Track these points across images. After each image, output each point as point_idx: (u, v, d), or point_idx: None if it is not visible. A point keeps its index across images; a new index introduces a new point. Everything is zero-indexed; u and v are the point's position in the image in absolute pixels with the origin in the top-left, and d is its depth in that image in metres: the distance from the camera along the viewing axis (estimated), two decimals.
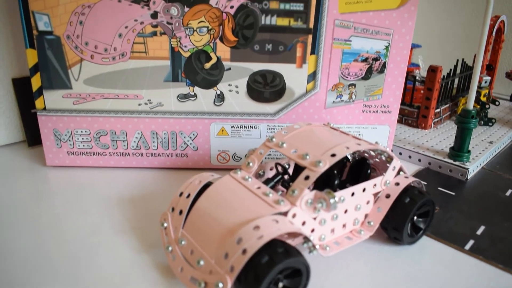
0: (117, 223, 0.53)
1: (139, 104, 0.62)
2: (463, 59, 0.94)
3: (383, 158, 0.52)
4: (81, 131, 0.64)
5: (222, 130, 0.64)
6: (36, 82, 0.61)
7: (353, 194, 0.46)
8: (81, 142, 0.64)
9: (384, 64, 0.62)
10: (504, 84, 1.25)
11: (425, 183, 0.66)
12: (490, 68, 1.06)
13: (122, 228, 0.52)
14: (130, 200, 0.58)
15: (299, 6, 0.58)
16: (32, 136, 0.75)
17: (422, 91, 0.89)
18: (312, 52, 0.60)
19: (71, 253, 0.47)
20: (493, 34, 0.98)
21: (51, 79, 0.61)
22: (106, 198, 0.58)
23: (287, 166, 0.53)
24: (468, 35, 1.32)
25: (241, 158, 0.66)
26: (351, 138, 0.49)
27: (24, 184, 0.62)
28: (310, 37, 0.59)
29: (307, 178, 0.42)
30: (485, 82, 0.89)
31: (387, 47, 0.61)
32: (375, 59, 0.62)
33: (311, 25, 0.59)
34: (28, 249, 0.48)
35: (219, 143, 0.65)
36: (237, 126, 0.64)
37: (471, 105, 0.68)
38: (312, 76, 0.62)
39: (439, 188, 0.65)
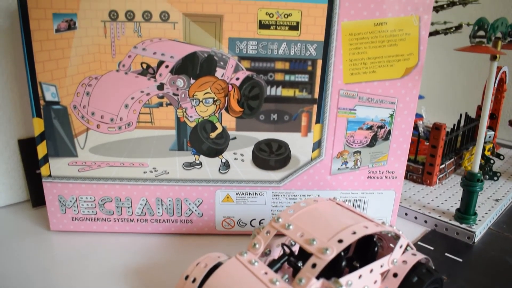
0: None
1: (145, 172, 0.62)
2: (466, 113, 0.94)
3: (390, 236, 0.51)
4: (86, 198, 0.64)
5: (227, 197, 0.64)
6: (42, 150, 0.61)
7: (360, 276, 0.46)
8: (85, 208, 0.64)
9: (389, 132, 0.62)
10: (508, 131, 1.25)
11: (432, 248, 0.66)
12: (493, 117, 1.07)
13: None
14: (135, 270, 0.57)
15: (304, 78, 0.59)
16: (36, 197, 0.75)
17: (426, 143, 0.89)
18: (317, 121, 0.61)
19: None
20: (495, 84, 0.99)
21: (57, 147, 0.61)
22: (111, 268, 0.58)
23: (293, 244, 0.53)
24: (469, 82, 1.33)
25: (246, 224, 0.66)
26: (358, 217, 0.49)
27: (27, 250, 0.62)
28: (315, 107, 0.60)
29: (314, 266, 0.42)
30: (489, 137, 0.89)
31: (391, 115, 0.61)
32: (380, 127, 0.62)
33: (316, 95, 0.59)
34: None
35: (224, 209, 0.65)
36: (242, 193, 0.64)
37: (476, 167, 0.68)
38: (317, 144, 0.62)
39: (446, 254, 0.64)
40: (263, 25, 0.56)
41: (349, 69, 0.58)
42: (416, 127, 0.92)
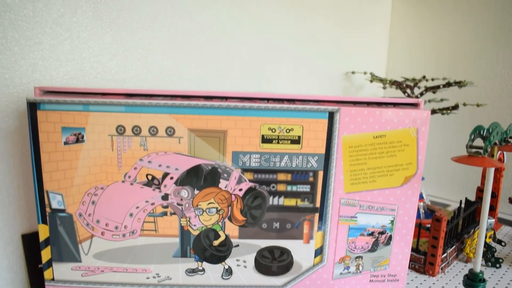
0: None
1: (148, 278, 0.62)
2: (466, 198, 0.95)
3: None
4: None
5: None
6: (46, 255, 0.62)
7: None
8: None
9: (390, 237, 0.63)
10: (508, 206, 1.26)
11: None
12: (493, 196, 1.07)
13: None
14: None
15: (306, 188, 0.60)
16: None
17: (428, 226, 0.89)
18: (319, 229, 0.61)
19: None
20: None
21: (61, 253, 0.62)
22: None
23: None
24: None
25: None
26: None
27: None
28: (317, 215, 0.61)
29: None
30: (490, 224, 0.90)
31: (392, 221, 0.62)
32: (381, 233, 0.63)
33: (318, 204, 0.60)
34: None
35: None
36: None
37: (478, 267, 0.68)
38: (319, 251, 0.62)
39: None
40: (265, 140, 0.58)
41: (350, 179, 0.60)
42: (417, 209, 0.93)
